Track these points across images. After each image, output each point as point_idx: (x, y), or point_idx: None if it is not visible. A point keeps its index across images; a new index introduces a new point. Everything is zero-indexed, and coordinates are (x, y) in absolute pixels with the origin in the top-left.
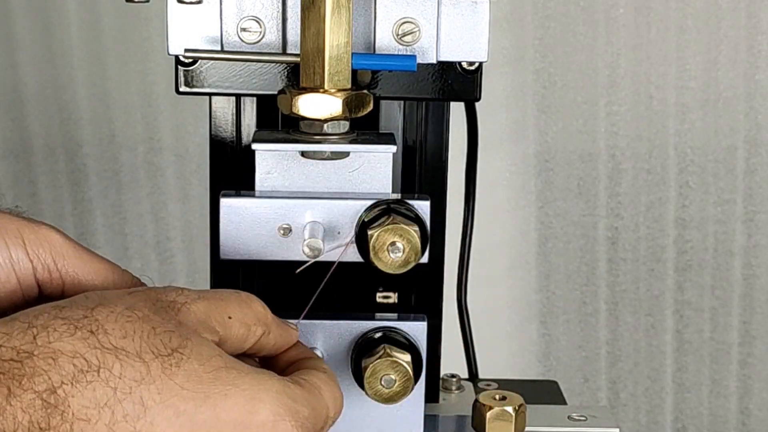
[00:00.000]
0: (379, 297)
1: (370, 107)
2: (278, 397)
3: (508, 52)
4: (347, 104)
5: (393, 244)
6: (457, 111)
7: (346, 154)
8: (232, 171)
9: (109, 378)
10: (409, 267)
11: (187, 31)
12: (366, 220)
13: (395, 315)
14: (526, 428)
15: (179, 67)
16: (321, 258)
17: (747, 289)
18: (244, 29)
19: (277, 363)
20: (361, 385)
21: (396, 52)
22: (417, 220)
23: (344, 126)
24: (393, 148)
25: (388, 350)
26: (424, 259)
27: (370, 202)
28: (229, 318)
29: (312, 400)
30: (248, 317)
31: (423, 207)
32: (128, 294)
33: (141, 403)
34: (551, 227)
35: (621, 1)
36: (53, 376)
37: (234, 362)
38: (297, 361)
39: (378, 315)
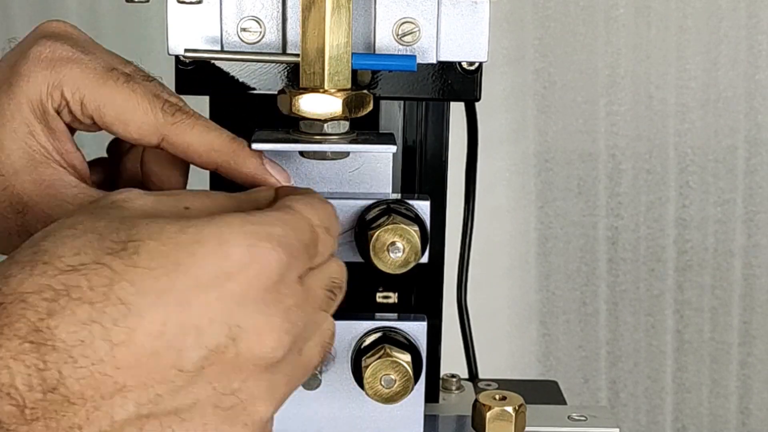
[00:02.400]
0: (379, 297)
1: (370, 107)
2: (242, 229)
3: (508, 52)
4: (347, 104)
5: (393, 244)
6: (457, 111)
7: (346, 154)
8: None
9: (81, 295)
10: (409, 267)
11: (187, 31)
12: (366, 220)
13: (395, 315)
14: (526, 428)
15: (179, 67)
16: None
17: (747, 289)
18: (244, 29)
19: None
20: (361, 385)
21: (396, 52)
22: (417, 220)
23: (344, 126)
24: (393, 148)
25: (388, 350)
26: (424, 259)
27: (370, 202)
28: (186, 208)
29: (283, 216)
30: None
31: (423, 207)
32: (71, 214)
33: (121, 303)
34: (551, 227)
35: (621, 1)
36: (30, 316)
37: (189, 222)
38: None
39: (378, 315)
